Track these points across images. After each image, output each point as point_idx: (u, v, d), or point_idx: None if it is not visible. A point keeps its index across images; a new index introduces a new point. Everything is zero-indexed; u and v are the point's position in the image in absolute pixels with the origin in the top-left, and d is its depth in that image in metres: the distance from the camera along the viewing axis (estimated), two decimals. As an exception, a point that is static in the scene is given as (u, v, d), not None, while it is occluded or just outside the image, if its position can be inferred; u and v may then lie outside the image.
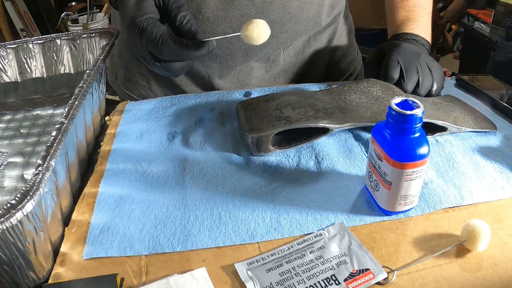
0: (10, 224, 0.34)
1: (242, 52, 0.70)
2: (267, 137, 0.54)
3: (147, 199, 0.50)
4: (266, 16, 0.66)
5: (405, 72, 0.61)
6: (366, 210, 0.48)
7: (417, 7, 0.72)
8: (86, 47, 0.74)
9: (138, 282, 0.41)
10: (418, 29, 0.70)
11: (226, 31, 0.67)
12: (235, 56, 0.71)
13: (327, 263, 0.41)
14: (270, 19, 0.67)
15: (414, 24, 0.71)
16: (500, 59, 1.57)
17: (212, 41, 0.50)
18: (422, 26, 0.71)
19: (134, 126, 0.64)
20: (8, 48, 0.73)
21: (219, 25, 0.66)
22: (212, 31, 0.67)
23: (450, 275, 0.40)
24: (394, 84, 0.62)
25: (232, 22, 0.66)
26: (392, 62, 0.62)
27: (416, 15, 0.72)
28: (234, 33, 0.52)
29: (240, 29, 0.50)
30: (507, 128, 0.60)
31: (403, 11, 0.72)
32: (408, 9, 0.72)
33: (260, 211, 0.48)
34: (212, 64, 0.72)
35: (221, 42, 0.68)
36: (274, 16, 0.67)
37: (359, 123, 0.56)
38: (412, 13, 0.72)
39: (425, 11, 0.73)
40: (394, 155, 0.42)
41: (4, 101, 0.74)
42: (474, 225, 0.42)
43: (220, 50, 0.70)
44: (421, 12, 0.72)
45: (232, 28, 0.67)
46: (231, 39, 0.68)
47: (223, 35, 0.54)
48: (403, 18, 0.72)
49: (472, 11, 2.43)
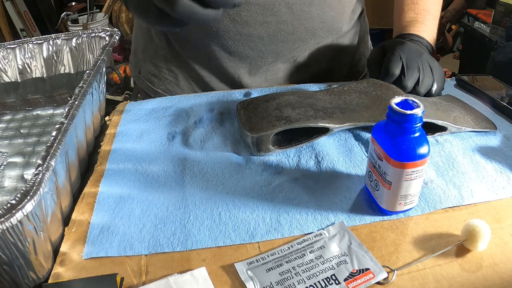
0: (10, 224, 0.34)
1: (272, 54, 0.72)
2: (267, 137, 0.54)
3: (147, 199, 0.50)
4: (301, 24, 0.69)
5: (406, 69, 0.61)
6: (366, 210, 0.48)
7: (426, 11, 0.73)
8: (86, 47, 0.74)
9: (138, 282, 0.41)
10: (423, 32, 0.71)
11: (262, 35, 0.69)
12: (265, 58, 0.73)
13: (327, 262, 0.41)
14: (304, 26, 0.69)
15: (420, 27, 0.72)
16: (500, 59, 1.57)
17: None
18: (428, 30, 0.72)
19: (134, 126, 0.64)
20: (8, 48, 0.73)
21: (256, 29, 0.68)
22: (249, 34, 0.68)
23: (450, 274, 0.40)
24: (395, 81, 0.62)
25: (269, 27, 0.68)
26: (394, 58, 0.62)
27: (423, 18, 0.73)
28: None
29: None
30: (507, 128, 0.60)
31: (412, 12, 0.74)
32: (417, 12, 0.73)
33: (260, 211, 0.48)
34: (242, 64, 0.73)
35: (255, 45, 0.70)
36: (308, 24, 0.70)
37: (359, 123, 0.56)
38: (420, 16, 0.73)
39: (433, 16, 0.74)
40: (394, 154, 0.42)
41: (4, 101, 0.74)
42: (474, 225, 0.42)
43: (252, 51, 0.71)
44: (429, 16, 0.73)
45: (269, 32, 0.69)
46: (266, 43, 0.70)
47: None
48: (411, 20, 0.73)
49: (472, 11, 2.43)
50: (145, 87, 0.82)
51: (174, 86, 0.79)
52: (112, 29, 0.70)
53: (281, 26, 0.68)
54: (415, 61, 0.62)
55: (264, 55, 0.72)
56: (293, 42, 0.71)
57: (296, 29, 0.69)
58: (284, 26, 0.68)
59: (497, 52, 1.71)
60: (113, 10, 2.96)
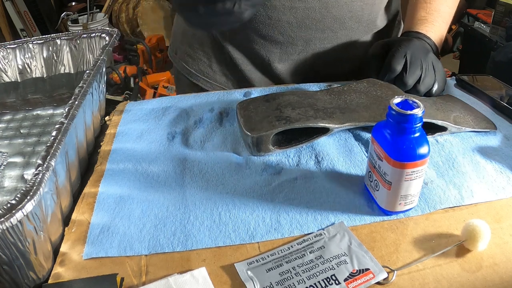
0: (10, 224, 0.34)
1: (302, 42, 0.73)
2: (267, 137, 0.54)
3: (147, 199, 0.50)
4: (329, 12, 0.70)
5: (408, 66, 0.62)
6: (366, 210, 0.48)
7: (437, 12, 0.74)
8: (86, 47, 0.74)
9: (138, 282, 0.41)
10: (431, 32, 0.72)
11: (290, 20, 0.70)
12: (295, 44, 0.74)
13: (327, 263, 0.41)
14: (332, 14, 0.70)
15: (429, 27, 0.72)
16: (500, 59, 1.57)
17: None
18: (436, 31, 0.73)
19: (134, 126, 0.64)
20: (8, 48, 0.73)
21: (285, 13, 0.70)
22: (278, 18, 0.70)
23: (450, 275, 0.40)
24: (396, 77, 0.62)
25: (297, 12, 0.70)
26: (398, 54, 0.63)
27: (433, 19, 0.73)
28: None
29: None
30: (507, 128, 0.60)
31: (423, 11, 0.74)
32: (429, 11, 0.74)
33: (260, 211, 0.48)
34: (273, 49, 0.75)
35: (285, 29, 0.71)
36: (336, 13, 0.70)
37: (359, 123, 0.56)
38: (430, 16, 0.74)
39: (443, 18, 0.75)
40: (394, 155, 0.42)
41: (4, 101, 0.74)
42: (474, 225, 0.42)
43: (282, 37, 0.73)
44: (439, 18, 0.74)
45: (297, 18, 0.70)
46: (294, 28, 0.71)
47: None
48: (421, 18, 0.74)
49: (472, 11, 2.43)
50: (180, 67, 0.85)
51: (206, 67, 0.81)
52: (112, 29, 0.70)
53: (309, 12, 0.70)
54: (418, 59, 0.62)
55: (294, 41, 0.73)
56: (322, 30, 0.72)
57: (324, 16, 0.70)
58: (311, 12, 0.70)
59: (497, 52, 1.71)
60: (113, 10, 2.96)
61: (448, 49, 2.72)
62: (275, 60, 0.76)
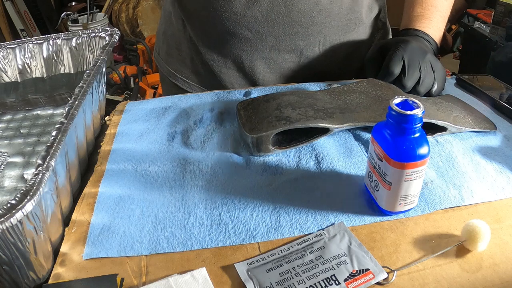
0: (10, 224, 0.34)
1: (272, 39, 0.72)
2: (267, 137, 0.54)
3: (147, 199, 0.50)
4: (294, 5, 0.68)
5: (407, 68, 0.61)
6: (366, 210, 0.48)
7: (434, 7, 0.73)
8: (86, 47, 0.74)
9: (138, 282, 0.41)
10: (429, 28, 0.71)
11: (255, 14, 0.69)
12: (264, 40, 0.72)
13: (327, 263, 0.41)
14: (298, 8, 0.69)
15: (426, 23, 0.71)
16: (500, 59, 1.57)
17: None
18: (434, 26, 0.72)
19: (134, 126, 0.64)
20: (8, 48, 0.73)
21: (250, 8, 0.69)
22: (243, 14, 0.69)
23: (450, 275, 0.40)
24: (394, 80, 0.62)
25: (262, 6, 0.68)
26: (396, 57, 0.62)
27: (431, 14, 0.72)
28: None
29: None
30: (507, 128, 0.60)
31: (420, 8, 0.73)
32: (425, 7, 0.73)
33: (260, 211, 0.48)
34: (243, 46, 0.74)
35: (251, 25, 0.70)
36: (301, 6, 0.69)
37: (359, 123, 0.56)
38: (427, 11, 0.73)
39: (441, 13, 0.74)
40: (394, 155, 0.42)
41: (4, 101, 0.74)
42: (474, 225, 0.42)
43: (250, 33, 0.71)
44: (436, 13, 0.73)
45: (262, 12, 0.69)
46: (261, 23, 0.70)
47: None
48: (418, 14, 0.73)
49: (472, 11, 2.43)
50: (162, 67, 0.86)
51: (184, 67, 0.82)
52: (112, 29, 0.70)
53: (273, 5, 0.68)
54: (417, 61, 0.62)
55: (263, 37, 0.72)
56: (290, 25, 0.70)
57: (289, 10, 0.68)
58: (276, 6, 0.68)
59: (497, 52, 1.71)
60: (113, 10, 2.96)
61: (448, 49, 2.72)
62: (246, 58, 0.75)
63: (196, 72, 0.80)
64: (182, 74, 0.82)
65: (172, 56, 0.83)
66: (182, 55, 0.81)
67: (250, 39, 0.72)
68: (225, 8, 0.69)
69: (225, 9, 0.69)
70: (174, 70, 0.83)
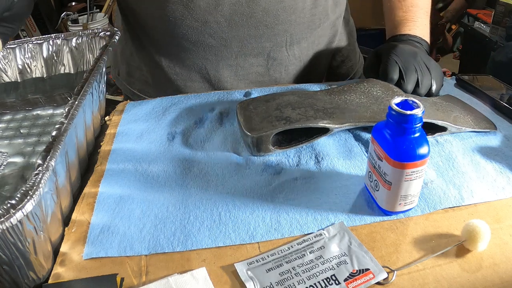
0: (10, 224, 0.34)
1: (237, 43, 0.69)
2: (267, 137, 0.54)
3: (147, 199, 0.50)
4: (258, 4, 0.66)
5: (404, 73, 0.61)
6: (366, 210, 0.48)
7: (415, 6, 0.71)
8: (86, 47, 0.74)
9: (138, 282, 0.41)
10: (415, 30, 0.70)
11: (218, 19, 0.66)
12: (229, 46, 0.69)
13: (327, 263, 0.41)
14: (262, 7, 0.66)
15: (411, 25, 0.70)
16: (500, 59, 1.57)
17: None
18: (420, 26, 0.70)
19: (134, 126, 0.64)
20: (8, 48, 0.73)
21: (211, 13, 0.66)
22: (204, 20, 0.66)
23: (450, 275, 0.40)
24: (394, 85, 0.62)
25: (224, 9, 0.66)
26: (391, 63, 0.62)
27: (413, 15, 0.71)
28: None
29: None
30: (507, 128, 0.60)
31: (400, 11, 0.72)
32: (406, 9, 0.71)
33: (260, 211, 0.48)
34: (208, 55, 0.71)
35: (214, 31, 0.67)
36: (265, 4, 0.66)
37: (359, 123, 0.56)
38: (409, 13, 0.71)
39: (423, 10, 0.72)
40: (394, 155, 0.42)
41: (4, 101, 0.74)
42: (474, 225, 0.42)
43: (214, 40, 0.68)
44: (419, 11, 0.71)
45: (224, 16, 0.66)
46: (224, 28, 0.67)
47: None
48: (400, 19, 0.71)
49: (472, 11, 2.43)
50: (124, 88, 0.82)
51: (147, 85, 0.78)
52: (112, 29, 0.70)
53: (236, 7, 0.65)
54: (411, 64, 0.62)
55: (227, 43, 0.69)
56: (255, 27, 0.68)
57: (253, 10, 0.66)
58: (239, 7, 0.65)
59: (497, 52, 1.71)
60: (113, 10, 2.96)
61: (448, 49, 2.72)
62: (211, 68, 0.72)
63: (160, 90, 0.76)
64: (146, 94, 0.78)
65: (133, 76, 0.79)
66: (144, 74, 0.77)
67: (214, 47, 0.69)
68: (185, 16, 0.66)
69: (185, 17, 0.66)
70: (137, 90, 0.79)
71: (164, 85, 0.76)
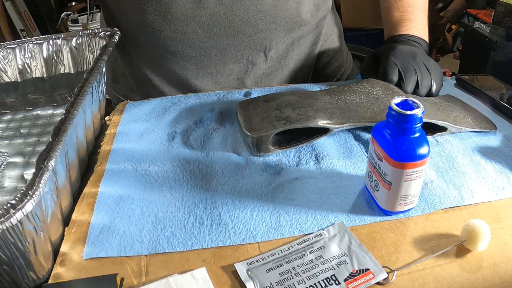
0: (10, 224, 0.34)
1: (216, 52, 0.69)
2: (267, 137, 0.54)
3: (147, 199, 0.50)
4: (236, 15, 0.65)
5: (403, 74, 0.61)
6: (366, 210, 0.48)
7: (412, 6, 0.71)
8: (86, 47, 0.74)
9: (138, 282, 0.41)
10: (413, 30, 0.69)
11: (196, 30, 0.66)
12: (209, 56, 0.70)
13: (327, 263, 0.41)
14: (240, 17, 0.65)
15: (409, 25, 0.70)
16: (500, 59, 1.57)
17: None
18: (418, 26, 0.70)
19: (134, 126, 0.64)
20: (8, 48, 0.73)
21: (189, 24, 0.65)
22: (182, 31, 0.66)
23: (450, 275, 0.40)
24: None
25: (202, 21, 0.65)
26: (390, 65, 0.62)
27: (410, 15, 0.71)
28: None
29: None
30: (507, 128, 0.60)
31: (397, 11, 0.71)
32: (403, 10, 0.71)
33: (260, 211, 0.48)
34: (187, 64, 0.71)
35: (193, 42, 0.67)
36: (244, 15, 0.65)
37: (359, 123, 0.56)
38: (406, 13, 0.71)
39: (420, 9, 0.72)
40: (394, 155, 0.42)
41: (4, 101, 0.74)
42: (474, 225, 0.42)
43: (193, 50, 0.69)
44: (416, 11, 0.71)
45: (203, 27, 0.66)
46: (203, 39, 0.67)
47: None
48: (398, 19, 0.71)
49: (472, 11, 2.43)
50: (110, 94, 0.83)
51: (131, 91, 0.79)
52: (112, 29, 0.70)
53: (214, 19, 0.65)
54: (410, 64, 0.61)
55: (207, 53, 0.69)
56: (234, 36, 0.67)
57: (231, 21, 0.65)
58: (217, 18, 0.65)
59: (497, 52, 1.71)
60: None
61: (448, 49, 2.72)
62: (192, 77, 0.72)
63: (144, 96, 0.76)
64: (131, 99, 0.77)
65: (118, 82, 0.80)
66: (128, 80, 0.78)
67: (193, 56, 0.69)
68: (163, 27, 0.66)
69: (163, 28, 0.66)
70: (122, 96, 0.80)
71: (148, 91, 0.77)
